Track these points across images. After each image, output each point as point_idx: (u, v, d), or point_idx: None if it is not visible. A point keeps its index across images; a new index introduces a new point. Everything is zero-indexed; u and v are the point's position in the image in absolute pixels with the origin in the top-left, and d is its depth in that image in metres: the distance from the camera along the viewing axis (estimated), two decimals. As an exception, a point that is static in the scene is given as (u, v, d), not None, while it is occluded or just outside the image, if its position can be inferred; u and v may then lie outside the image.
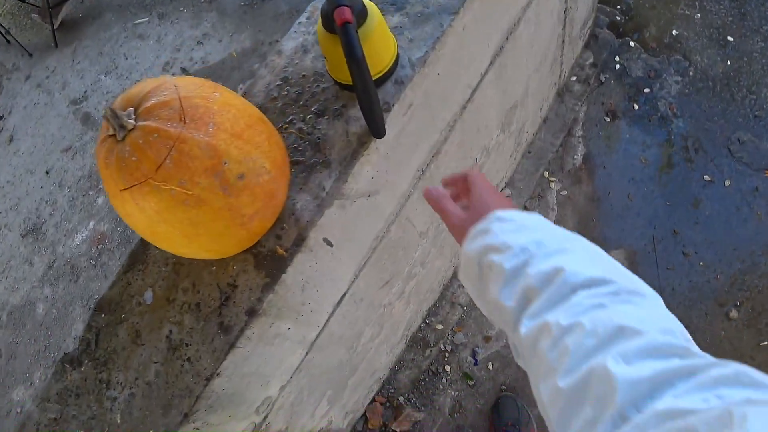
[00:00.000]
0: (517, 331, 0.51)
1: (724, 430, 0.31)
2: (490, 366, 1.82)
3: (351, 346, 1.31)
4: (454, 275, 1.93)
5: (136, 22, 2.94)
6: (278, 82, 1.00)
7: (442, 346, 1.88)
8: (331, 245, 0.95)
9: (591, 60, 2.15)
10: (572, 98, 2.09)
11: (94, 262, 2.38)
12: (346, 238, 0.99)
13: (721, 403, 0.34)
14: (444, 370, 1.85)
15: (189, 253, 0.75)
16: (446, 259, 1.74)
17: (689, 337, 0.44)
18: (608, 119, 2.05)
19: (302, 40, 1.04)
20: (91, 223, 2.47)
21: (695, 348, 0.42)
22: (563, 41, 1.80)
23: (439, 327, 1.89)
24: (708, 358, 0.39)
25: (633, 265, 1.80)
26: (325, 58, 0.88)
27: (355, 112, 0.93)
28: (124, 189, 0.64)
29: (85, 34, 3.05)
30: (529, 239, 0.55)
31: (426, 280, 1.63)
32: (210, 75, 2.63)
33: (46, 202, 2.64)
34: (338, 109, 0.94)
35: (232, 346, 0.83)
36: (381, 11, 0.86)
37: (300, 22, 1.07)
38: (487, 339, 1.86)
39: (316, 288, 0.97)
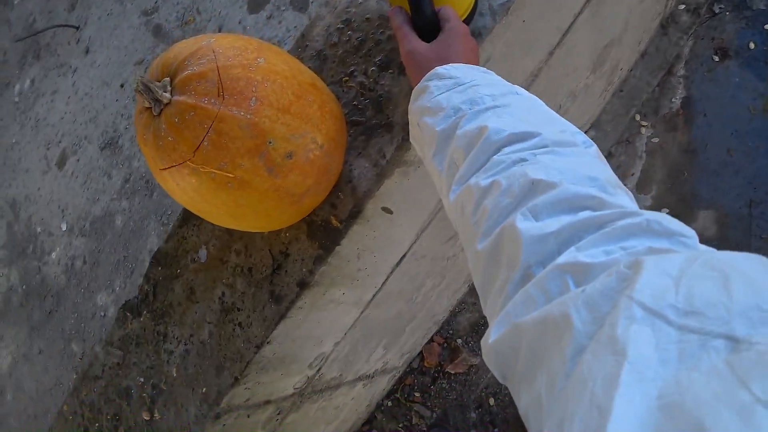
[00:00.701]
0: (447, 198, 0.49)
1: (619, 284, 0.28)
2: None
3: (410, 298, 1.28)
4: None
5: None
6: (339, 25, 0.89)
7: (504, 291, 1.82)
8: (391, 212, 0.88)
9: (707, -20, 1.83)
10: (677, 31, 1.80)
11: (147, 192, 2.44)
12: (408, 204, 0.91)
13: (625, 255, 0.32)
14: (505, 315, 1.80)
15: (239, 228, 0.70)
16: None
17: (615, 179, 0.41)
18: (717, 58, 1.77)
19: (369, -26, 0.91)
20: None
21: (619, 194, 0.39)
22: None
23: (504, 271, 1.83)
24: (626, 208, 0.36)
25: (723, 229, 1.61)
26: None
27: (424, 65, 0.81)
28: (164, 168, 0.59)
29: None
30: (463, 98, 0.51)
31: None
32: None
33: (122, 116, 2.70)
34: (405, 61, 0.83)
35: (282, 316, 0.81)
36: None
37: (367, -49, 0.93)
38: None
39: (373, 254, 0.92)
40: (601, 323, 0.28)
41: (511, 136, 0.45)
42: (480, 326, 1.80)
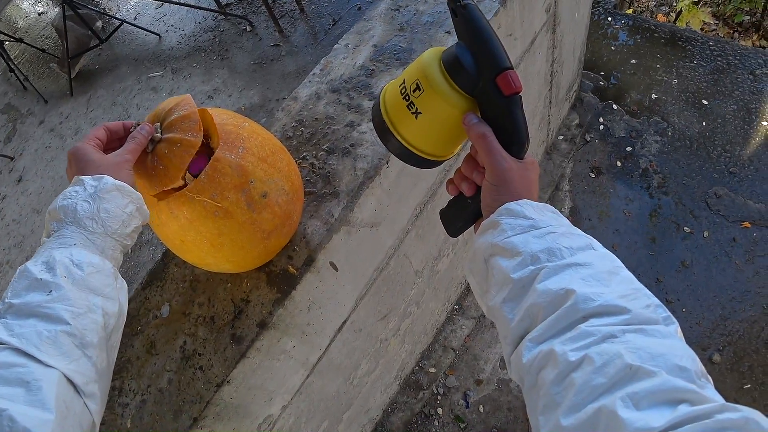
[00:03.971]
0: (519, 353, 0.49)
1: None
2: (481, 409, 1.85)
3: (348, 377, 1.37)
4: (447, 319, 1.99)
5: (151, 75, 3.11)
6: (293, 124, 1.11)
7: (434, 389, 1.91)
8: (337, 269, 1.03)
9: (577, 121, 2.31)
10: (559, 156, 2.23)
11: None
12: (350, 265, 1.07)
13: None
14: (436, 412, 1.88)
15: (212, 264, 0.83)
16: (440, 302, 1.81)
17: (701, 368, 0.42)
18: (593, 175, 2.19)
19: (316, 89, 1.17)
20: (94, 263, 2.53)
21: (707, 386, 0.41)
22: (550, 102, 1.96)
23: (432, 370, 1.94)
24: (718, 400, 0.38)
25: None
26: (418, 113, 0.59)
27: (363, 150, 1.04)
28: (160, 193, 0.73)
29: (100, 85, 3.22)
30: (541, 246, 0.51)
31: (420, 320, 1.70)
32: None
33: (50, 242, 2.71)
34: (347, 148, 1.05)
35: (243, 355, 0.90)
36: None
37: (314, 73, 1.20)
38: (478, 382, 1.90)
39: (320, 309, 1.04)
40: None
41: (600, 308, 0.45)
42: (413, 425, 1.86)
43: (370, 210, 1.05)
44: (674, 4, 3.97)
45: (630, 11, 3.56)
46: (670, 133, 2.21)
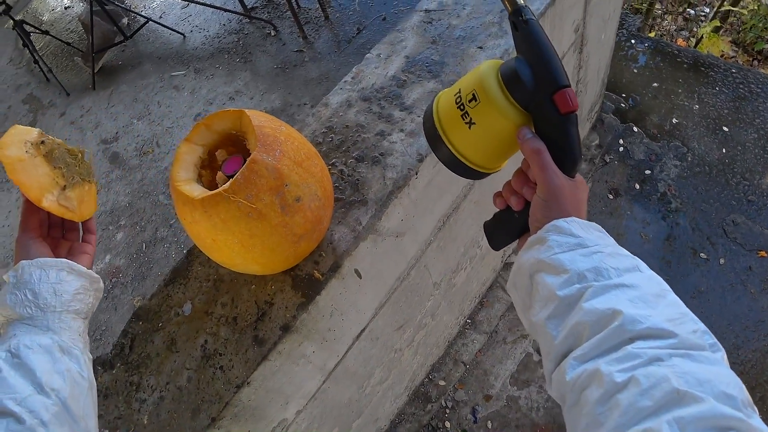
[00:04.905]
0: (562, 370, 0.49)
1: None
2: (489, 425, 1.84)
3: (361, 386, 1.36)
4: (459, 333, 1.99)
5: (173, 74, 3.14)
6: (323, 130, 1.12)
7: (443, 402, 1.90)
8: (360, 277, 1.03)
9: (597, 141, 2.31)
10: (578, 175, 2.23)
11: (106, 295, 2.43)
12: (373, 273, 1.07)
13: None
14: (443, 426, 1.87)
15: (240, 264, 0.83)
16: (453, 315, 1.81)
17: (748, 397, 0.42)
18: (611, 197, 2.18)
19: (347, 96, 1.17)
20: (108, 257, 2.54)
21: (754, 416, 0.41)
22: (573, 120, 1.96)
23: (442, 383, 1.93)
24: (764, 429, 0.39)
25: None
26: (472, 123, 0.59)
27: (392, 159, 1.04)
28: (202, 197, 0.73)
29: (123, 80, 3.26)
30: (588, 265, 0.51)
31: (434, 332, 1.70)
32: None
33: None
34: (377, 157, 1.05)
35: (264, 357, 0.90)
36: None
37: (345, 81, 1.21)
38: (487, 398, 1.89)
39: (342, 316, 1.04)
40: None
41: (648, 331, 0.45)
42: (419, 437, 1.85)
43: (396, 220, 1.05)
44: (695, 30, 3.97)
45: (652, 35, 3.57)
46: (689, 158, 2.21)
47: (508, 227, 0.65)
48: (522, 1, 0.56)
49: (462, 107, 0.59)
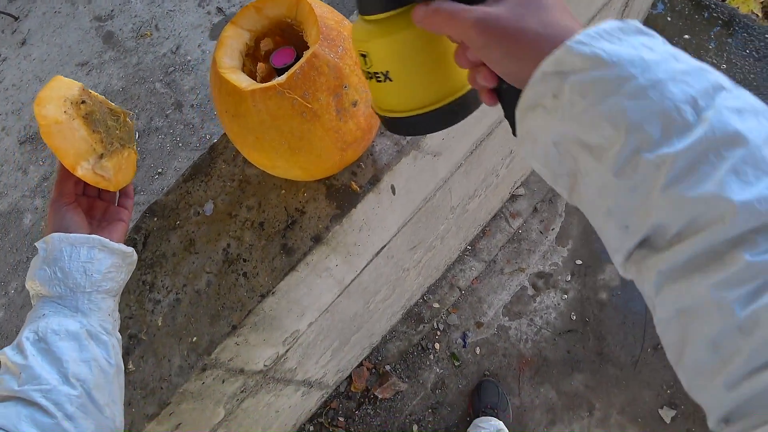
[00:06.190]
0: (625, 266, 0.36)
1: None
2: (477, 351, 1.88)
3: (367, 302, 1.34)
4: (458, 259, 1.98)
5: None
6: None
7: (435, 324, 1.92)
8: (394, 194, 0.97)
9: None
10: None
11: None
12: (406, 190, 1.01)
13: None
14: (433, 347, 1.90)
15: (281, 167, 0.76)
16: (458, 241, 1.78)
17: None
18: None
19: None
20: (98, 143, 2.42)
21: None
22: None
23: (436, 305, 1.94)
24: None
25: (626, 280, 1.88)
26: (387, 76, 0.49)
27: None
28: (251, 89, 0.65)
29: (120, -47, 2.97)
30: (650, 111, 0.32)
31: (438, 256, 1.67)
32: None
33: (51, 114, 2.58)
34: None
35: (292, 268, 0.85)
36: None
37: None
38: (479, 324, 1.91)
39: (369, 232, 1.00)
40: None
41: None
42: (408, 355, 1.88)
43: (438, 138, 0.98)
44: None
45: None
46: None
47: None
48: None
49: (371, 75, 0.50)
